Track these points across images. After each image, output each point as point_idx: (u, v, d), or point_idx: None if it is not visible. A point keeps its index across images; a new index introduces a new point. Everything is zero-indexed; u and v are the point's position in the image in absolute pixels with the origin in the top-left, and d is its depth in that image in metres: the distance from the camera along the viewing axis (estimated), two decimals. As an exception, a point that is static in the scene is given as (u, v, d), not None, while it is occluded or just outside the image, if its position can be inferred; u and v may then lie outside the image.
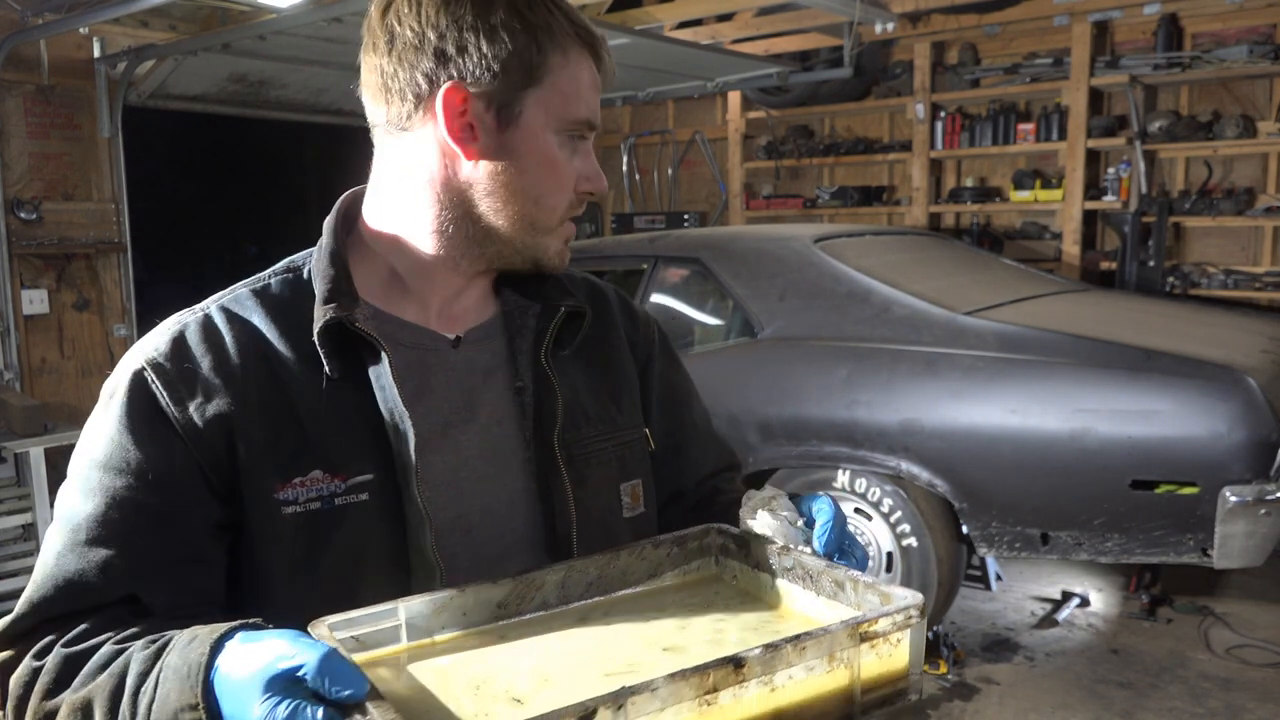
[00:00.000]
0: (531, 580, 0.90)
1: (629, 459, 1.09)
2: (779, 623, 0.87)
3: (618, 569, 0.94)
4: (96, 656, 0.81)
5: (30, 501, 3.59)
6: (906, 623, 0.77)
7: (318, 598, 0.89)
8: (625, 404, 1.11)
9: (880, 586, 0.81)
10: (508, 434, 1.02)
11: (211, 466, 0.90)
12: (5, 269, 4.52)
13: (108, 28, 4.75)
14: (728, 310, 3.93)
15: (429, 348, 1.01)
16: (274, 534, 0.90)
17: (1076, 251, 5.35)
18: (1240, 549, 2.90)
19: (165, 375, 0.91)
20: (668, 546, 0.96)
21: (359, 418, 0.93)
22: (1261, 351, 3.30)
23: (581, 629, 0.87)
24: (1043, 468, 3.11)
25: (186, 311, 0.98)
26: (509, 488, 1.01)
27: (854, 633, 0.75)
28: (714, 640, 0.84)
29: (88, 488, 0.89)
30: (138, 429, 0.89)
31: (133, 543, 0.87)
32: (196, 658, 0.74)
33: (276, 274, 1.01)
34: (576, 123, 0.96)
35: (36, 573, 0.89)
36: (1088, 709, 3.10)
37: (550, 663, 0.81)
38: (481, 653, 0.83)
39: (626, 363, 1.14)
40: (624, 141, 7.25)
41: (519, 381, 1.03)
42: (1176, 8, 5.09)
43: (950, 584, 3.45)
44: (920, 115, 5.82)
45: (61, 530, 0.88)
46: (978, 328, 3.33)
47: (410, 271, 1.00)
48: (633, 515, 1.09)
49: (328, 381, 0.93)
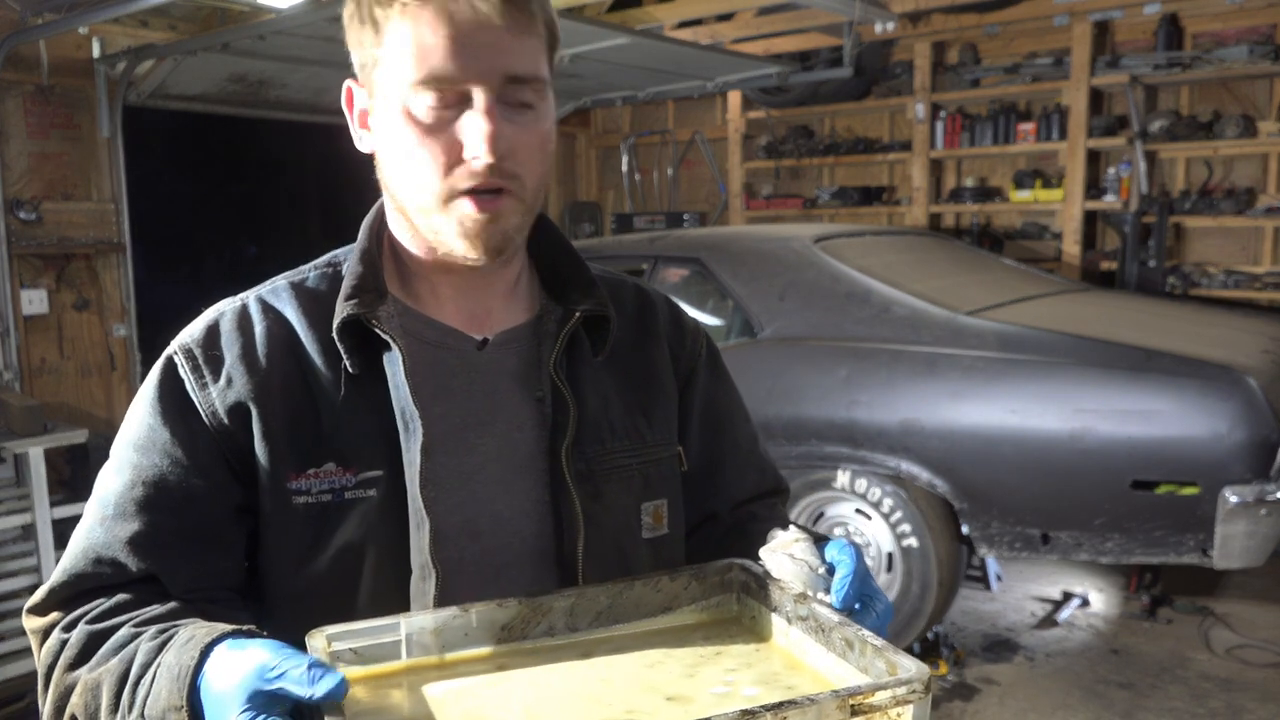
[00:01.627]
0: (539, 605, 0.87)
1: (654, 477, 1.04)
2: (791, 677, 0.82)
3: (630, 599, 0.89)
4: (115, 637, 0.84)
5: (30, 501, 3.58)
6: (907, 698, 0.70)
7: (319, 589, 0.91)
8: (658, 418, 1.05)
9: (889, 653, 0.75)
10: (527, 442, 0.98)
11: (232, 450, 0.92)
12: (5, 269, 4.52)
13: (107, 28, 4.75)
14: (728, 310, 3.93)
15: (451, 348, 0.98)
16: (283, 523, 0.91)
17: (1077, 251, 5.35)
18: (1240, 549, 2.90)
19: (194, 360, 0.94)
20: (685, 579, 0.91)
21: (375, 414, 0.93)
22: (1261, 351, 3.30)
23: (585, 664, 0.84)
24: (1043, 468, 3.11)
25: (228, 300, 1.00)
26: (524, 497, 0.98)
27: (844, 704, 0.68)
28: (723, 694, 0.79)
29: (119, 465, 0.92)
30: (165, 411, 0.92)
31: (156, 520, 0.89)
32: (187, 661, 0.75)
33: (317, 268, 1.02)
34: (423, 80, 0.86)
35: (72, 544, 0.92)
36: (1088, 709, 3.10)
37: (546, 703, 0.78)
38: (476, 682, 0.81)
39: (666, 375, 1.08)
40: (624, 141, 7.25)
41: (539, 391, 0.99)
42: (1177, 8, 5.08)
43: (950, 584, 3.44)
44: (920, 115, 5.82)
45: (95, 505, 0.92)
46: (978, 328, 3.33)
47: (417, 270, 1.00)
48: (654, 536, 1.04)
49: (348, 376, 0.93)
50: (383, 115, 0.91)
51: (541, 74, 0.90)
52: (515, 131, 0.88)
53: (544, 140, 0.92)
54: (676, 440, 1.07)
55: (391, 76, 0.88)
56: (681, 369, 1.10)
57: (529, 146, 0.90)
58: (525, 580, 0.97)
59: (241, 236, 6.56)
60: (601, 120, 7.49)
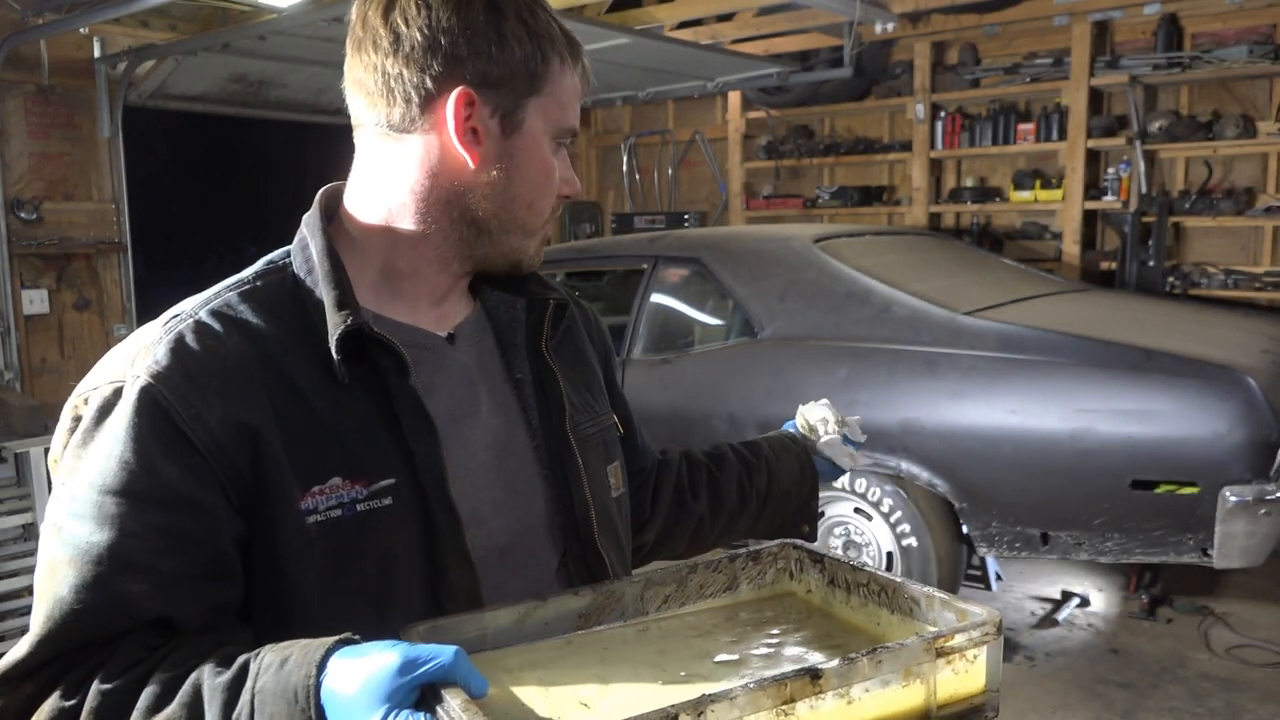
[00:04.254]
0: (611, 592, 0.92)
1: (609, 442, 1.15)
2: (841, 637, 0.88)
3: (695, 583, 0.95)
4: (150, 690, 0.79)
5: (30, 501, 3.59)
6: (983, 639, 0.77)
7: (350, 605, 0.90)
8: (596, 391, 1.16)
9: (956, 603, 0.82)
10: (510, 425, 1.04)
11: (230, 479, 0.87)
12: (5, 269, 4.52)
13: (108, 28, 4.75)
14: (728, 310, 3.93)
15: (427, 346, 1.00)
16: (301, 545, 0.88)
17: (1076, 251, 5.35)
18: (1240, 549, 2.90)
19: (176, 390, 0.86)
20: (743, 560, 0.98)
21: (374, 422, 0.92)
22: (1261, 351, 3.30)
23: (643, 635, 0.90)
24: (1043, 468, 3.11)
25: (170, 320, 0.93)
26: (515, 477, 1.03)
27: (930, 648, 0.74)
28: (768, 654, 0.85)
29: (101, 516, 0.83)
30: (153, 450, 0.84)
31: (162, 567, 0.84)
32: (302, 679, 0.73)
33: (261, 275, 0.97)
34: (568, 130, 0.99)
35: (47, 607, 0.83)
36: (1088, 709, 3.10)
37: (612, 670, 0.83)
38: (547, 656, 0.86)
39: (590, 355, 1.19)
40: (624, 141, 7.25)
41: (518, 374, 1.06)
42: (1176, 8, 5.08)
43: (950, 584, 3.44)
44: (920, 115, 5.82)
45: (76, 562, 0.83)
46: (978, 328, 3.33)
47: (402, 272, 0.99)
48: (618, 495, 1.13)
49: (336, 387, 0.92)
50: (519, 142, 0.96)
51: None
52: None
53: None
54: (610, 409, 1.18)
55: (547, 115, 0.97)
56: (598, 349, 1.23)
57: None
58: (525, 559, 1.01)
59: (241, 236, 6.56)
60: (601, 120, 7.49)
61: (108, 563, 0.82)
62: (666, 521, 1.30)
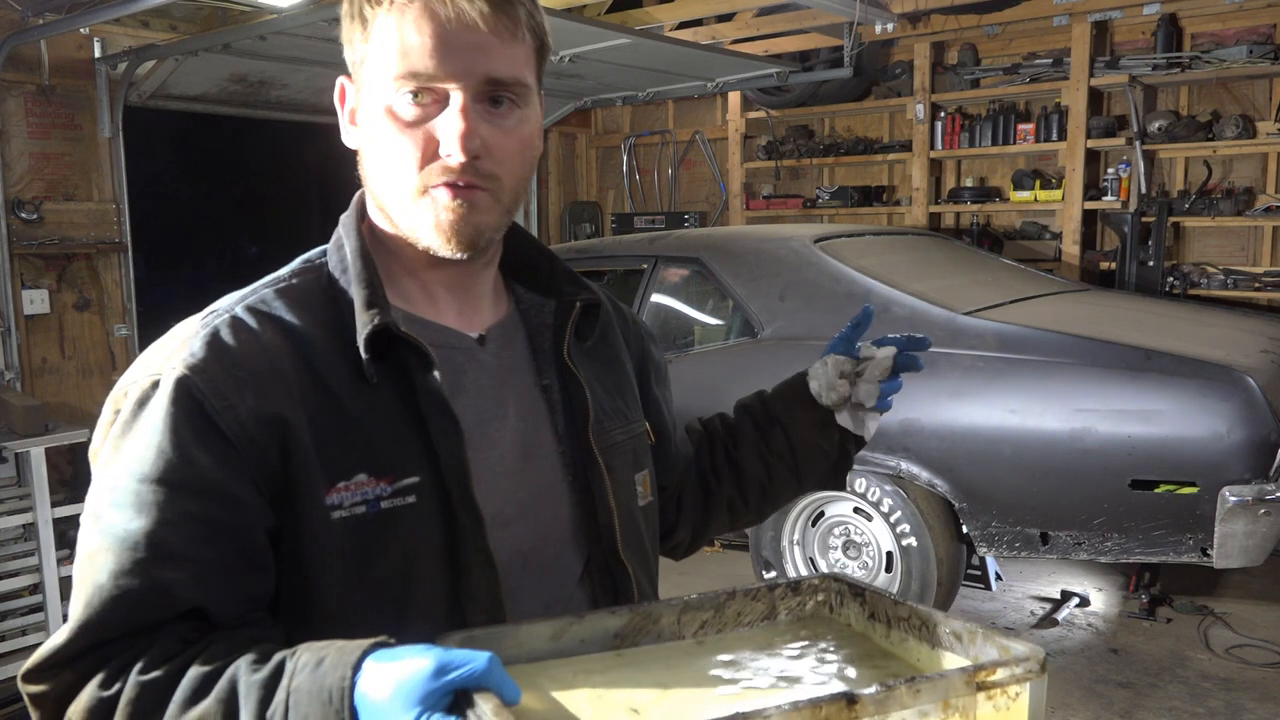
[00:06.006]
0: (648, 613, 0.91)
1: (639, 450, 1.12)
2: (882, 660, 0.88)
3: (733, 609, 0.94)
4: (187, 683, 0.79)
5: (31, 501, 3.59)
6: (1026, 676, 0.74)
7: (371, 602, 0.90)
8: (629, 397, 1.13)
9: (999, 639, 0.80)
10: (537, 429, 1.03)
11: (261, 472, 0.87)
12: (6, 269, 4.52)
13: (108, 28, 4.75)
14: (728, 310, 3.94)
15: (457, 346, 1.00)
16: (325, 540, 0.88)
17: (1076, 251, 5.35)
18: (1240, 549, 2.90)
19: (210, 382, 0.87)
20: (783, 589, 0.97)
21: (401, 421, 0.92)
22: (1261, 351, 3.31)
23: (698, 647, 0.90)
24: (1043, 468, 3.12)
25: (208, 315, 0.94)
26: (540, 482, 1.02)
27: (970, 680, 0.73)
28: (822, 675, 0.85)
29: (139, 504, 0.84)
30: (188, 439, 0.85)
31: (198, 556, 0.84)
32: (337, 680, 0.74)
33: (297, 273, 0.99)
34: (403, 76, 0.88)
35: (85, 594, 0.84)
36: (1088, 709, 3.10)
37: (670, 679, 0.83)
38: (598, 666, 0.85)
39: (625, 358, 1.16)
40: (624, 141, 7.25)
41: (545, 379, 1.04)
42: (1176, 8, 5.09)
43: (950, 584, 3.45)
44: (920, 115, 5.82)
45: (115, 549, 0.83)
46: (978, 328, 3.33)
47: (408, 269, 1.00)
48: (645, 504, 1.11)
49: (365, 384, 0.92)
50: (367, 110, 0.93)
51: (524, 79, 0.92)
52: (494, 133, 0.91)
53: (524, 144, 0.94)
54: (643, 416, 1.15)
55: (376, 72, 0.91)
56: (634, 352, 1.18)
57: (507, 149, 0.92)
58: (548, 564, 1.01)
59: (242, 236, 6.57)
60: (601, 120, 7.49)
61: (145, 549, 0.83)
62: (696, 519, 1.28)
